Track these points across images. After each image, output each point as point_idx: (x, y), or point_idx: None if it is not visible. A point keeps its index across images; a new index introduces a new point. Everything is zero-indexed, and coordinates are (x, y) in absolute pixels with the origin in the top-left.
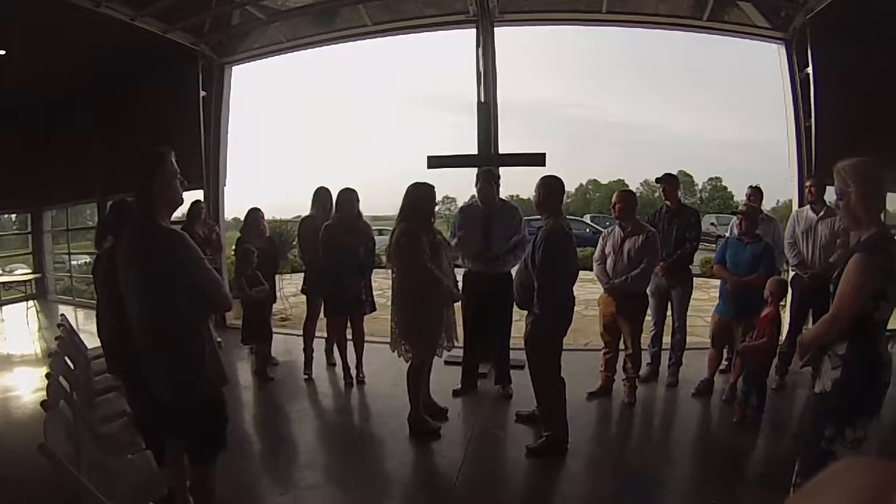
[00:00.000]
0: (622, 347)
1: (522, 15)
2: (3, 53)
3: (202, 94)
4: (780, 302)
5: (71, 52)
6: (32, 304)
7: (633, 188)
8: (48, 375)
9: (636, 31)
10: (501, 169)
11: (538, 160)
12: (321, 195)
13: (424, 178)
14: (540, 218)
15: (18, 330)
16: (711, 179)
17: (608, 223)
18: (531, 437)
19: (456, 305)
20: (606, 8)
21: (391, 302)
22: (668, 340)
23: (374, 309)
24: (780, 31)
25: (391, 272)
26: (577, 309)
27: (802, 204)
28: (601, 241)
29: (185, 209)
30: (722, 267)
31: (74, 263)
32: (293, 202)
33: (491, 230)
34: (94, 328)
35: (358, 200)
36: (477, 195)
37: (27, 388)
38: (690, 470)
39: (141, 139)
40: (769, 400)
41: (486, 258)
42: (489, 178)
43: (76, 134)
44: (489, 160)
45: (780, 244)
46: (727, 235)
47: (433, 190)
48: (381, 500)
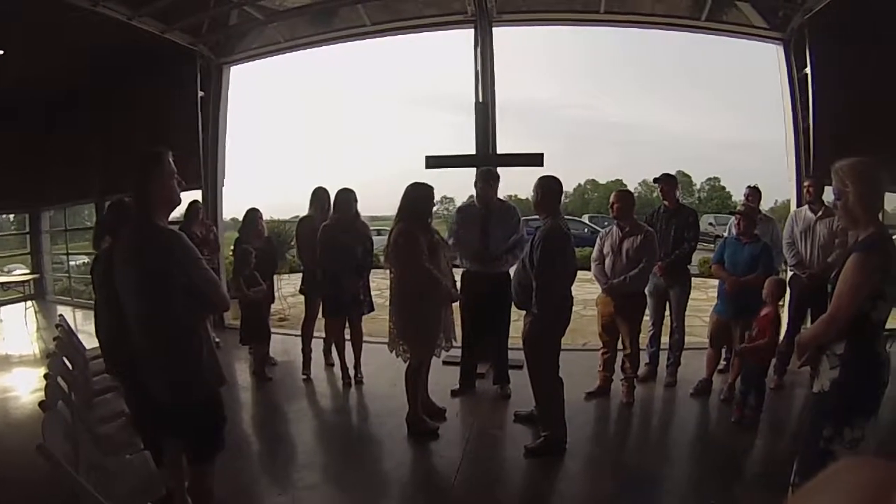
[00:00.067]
0: (620, 347)
1: (520, 15)
2: (1, 53)
3: (200, 94)
4: (778, 302)
5: (69, 52)
6: (31, 304)
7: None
8: (46, 376)
9: (634, 31)
10: (500, 169)
11: (536, 160)
12: (319, 195)
13: (423, 178)
14: (538, 218)
15: (17, 330)
16: (710, 179)
17: (606, 223)
18: (529, 437)
19: (454, 305)
20: (604, 8)
21: (389, 302)
22: (666, 340)
23: (372, 309)
24: (778, 31)
25: (389, 272)
26: (575, 309)
27: (801, 204)
28: (599, 241)
29: (182, 209)
30: (720, 267)
31: (73, 264)
32: (291, 202)
33: (489, 230)
34: (92, 329)
35: (356, 200)
36: (476, 195)
37: (25, 388)
38: (689, 470)
39: (139, 139)
40: (767, 400)
41: (484, 258)
42: (489, 178)
43: (74, 134)
44: (487, 160)
45: (778, 244)
46: (725, 235)
47: (431, 190)
48: (379, 500)
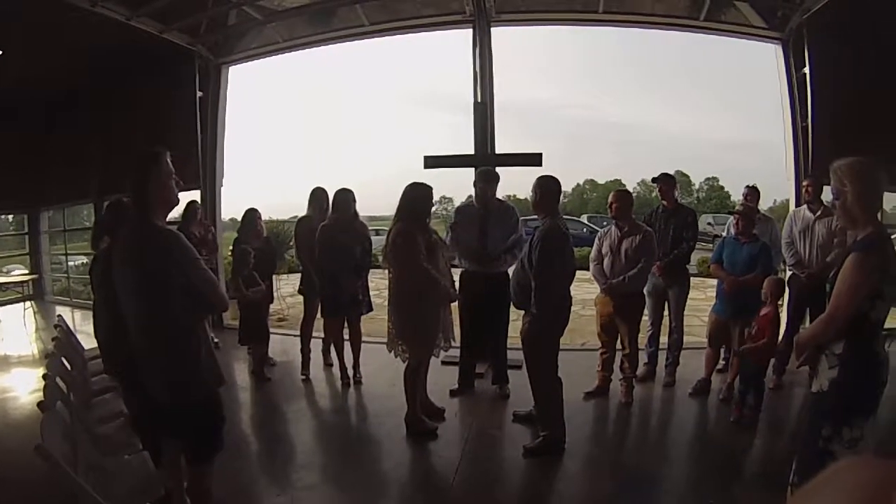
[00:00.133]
0: (619, 347)
1: (519, 15)
2: (0, 53)
3: (199, 94)
4: (777, 301)
5: (69, 52)
6: (29, 304)
7: (629, 188)
8: (45, 376)
9: (633, 31)
10: (498, 169)
11: (535, 160)
12: (318, 195)
13: (421, 178)
14: (537, 218)
15: (15, 331)
16: (708, 179)
17: (605, 223)
18: (528, 436)
19: (452, 305)
20: (603, 8)
21: (388, 302)
22: (665, 340)
23: (370, 309)
24: (776, 31)
25: (388, 272)
26: (573, 309)
27: (799, 203)
28: (598, 240)
29: (181, 209)
30: (719, 266)
31: (71, 264)
32: (290, 202)
33: (487, 230)
34: (90, 329)
35: (354, 201)
36: (474, 195)
37: (24, 388)
38: (687, 469)
39: (137, 139)
40: (766, 399)
41: (482, 258)
42: (489, 178)
43: (73, 134)
44: (486, 160)
45: (777, 244)
46: (724, 235)
47: (430, 190)
48: (378, 500)
